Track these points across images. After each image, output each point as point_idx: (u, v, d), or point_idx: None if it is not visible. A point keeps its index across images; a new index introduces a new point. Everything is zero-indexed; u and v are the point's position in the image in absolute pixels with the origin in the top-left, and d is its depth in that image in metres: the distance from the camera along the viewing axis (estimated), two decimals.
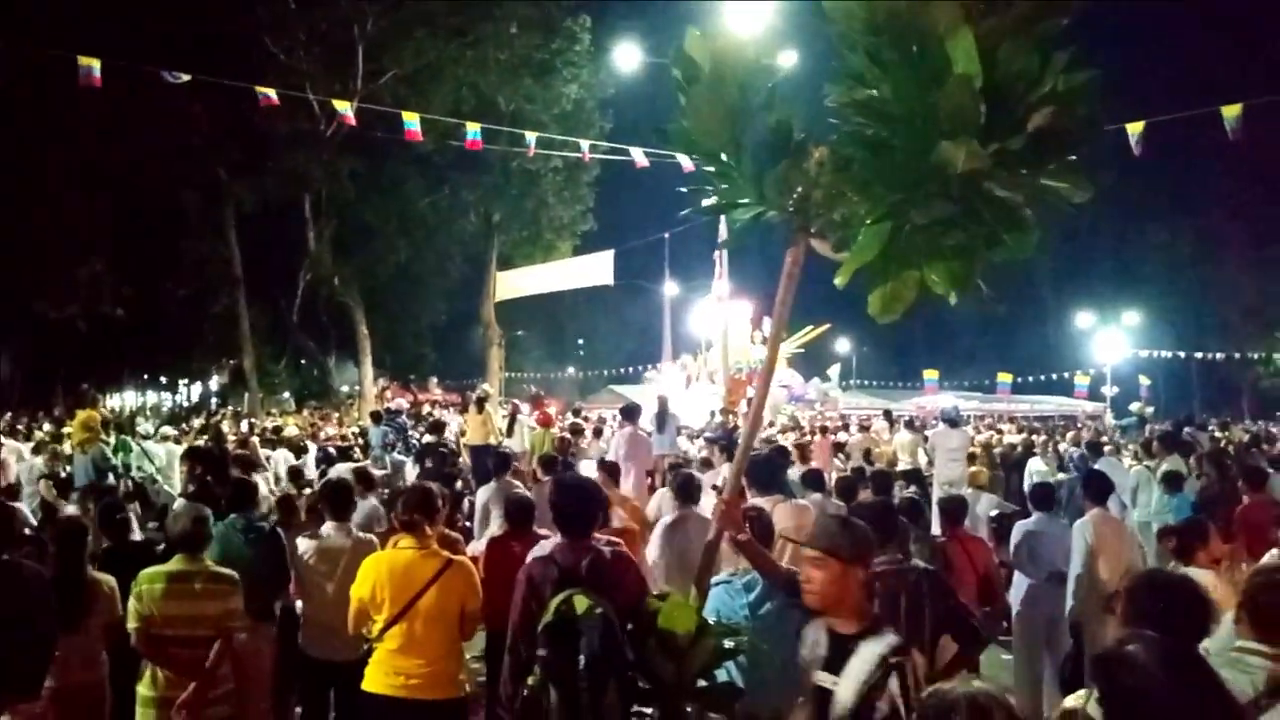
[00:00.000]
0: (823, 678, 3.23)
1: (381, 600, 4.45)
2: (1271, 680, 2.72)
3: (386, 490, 9.94)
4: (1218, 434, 17.39)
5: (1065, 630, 6.89)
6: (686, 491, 6.60)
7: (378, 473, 10.74)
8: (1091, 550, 6.59)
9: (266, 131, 25.07)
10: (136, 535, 6.61)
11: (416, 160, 27.74)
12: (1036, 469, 13.37)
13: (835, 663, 3.21)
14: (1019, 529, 7.19)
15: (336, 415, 26.39)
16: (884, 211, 3.22)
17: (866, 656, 3.10)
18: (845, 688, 3.10)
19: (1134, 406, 22.25)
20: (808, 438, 16.66)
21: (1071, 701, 3.26)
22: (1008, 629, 7.43)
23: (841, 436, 18.90)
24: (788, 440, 14.35)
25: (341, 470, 9.46)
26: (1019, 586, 7.08)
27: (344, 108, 18.90)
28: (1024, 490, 11.17)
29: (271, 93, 15.82)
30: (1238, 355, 45.10)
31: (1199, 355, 43.79)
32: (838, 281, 3.44)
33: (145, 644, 4.67)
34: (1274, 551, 5.53)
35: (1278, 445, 19.64)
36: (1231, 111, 13.00)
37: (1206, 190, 51.28)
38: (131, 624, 4.64)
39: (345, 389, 35.08)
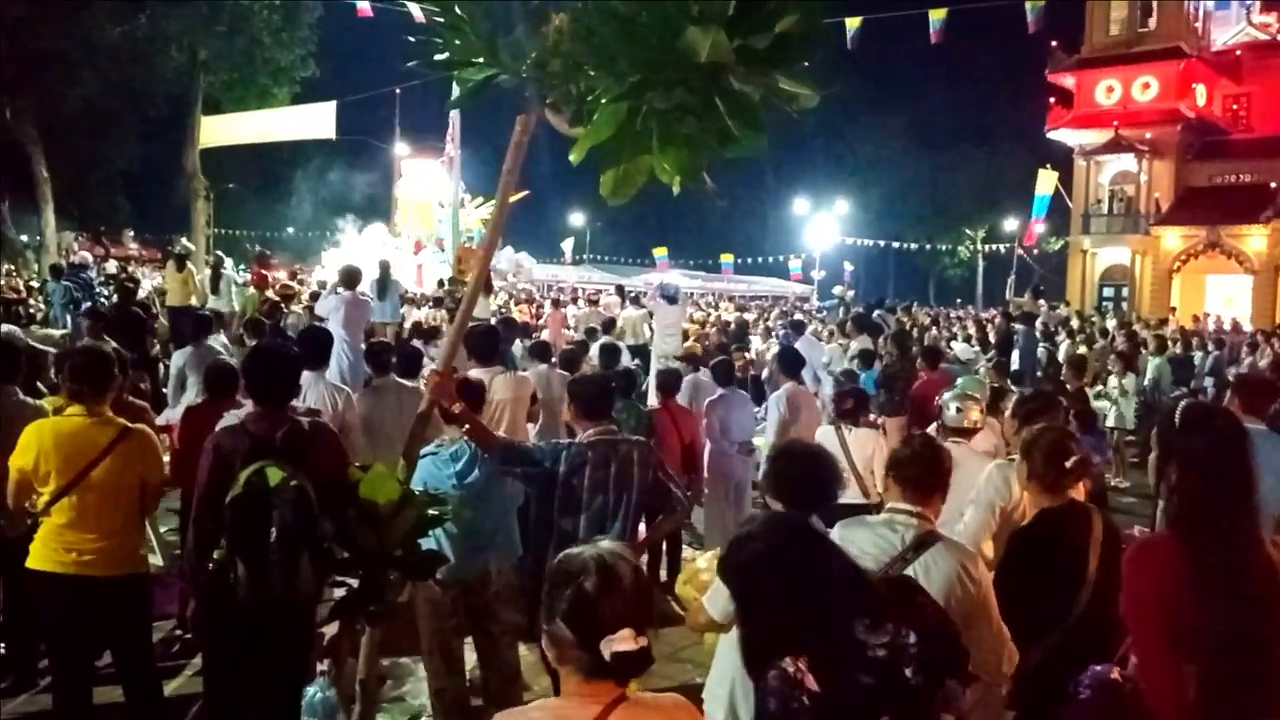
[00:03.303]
0: None
1: (47, 472, 4.01)
2: (916, 537, 3.06)
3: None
4: (903, 317, 19.21)
5: (749, 492, 7.46)
6: (381, 361, 6.45)
7: (56, 333, 9.66)
8: (784, 419, 7.14)
9: None
10: None
11: None
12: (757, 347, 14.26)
13: None
14: (707, 402, 7.62)
15: (9, 268, 23.42)
16: (623, 91, 3.16)
17: None
18: None
19: (836, 290, 24.14)
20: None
21: (703, 562, 3.53)
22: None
23: (570, 310, 19.17)
24: (520, 313, 14.37)
25: (8, 330, 8.42)
26: (709, 454, 7.52)
27: None
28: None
29: None
30: (928, 246, 49.93)
31: (896, 244, 47.99)
32: (572, 158, 3.37)
33: None
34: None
35: (954, 328, 22.14)
36: (937, 15, 13.94)
37: (912, 91, 55.42)
38: None
39: (25, 239, 31.10)
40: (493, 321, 9.18)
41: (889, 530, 3.07)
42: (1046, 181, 29.52)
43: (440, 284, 19.57)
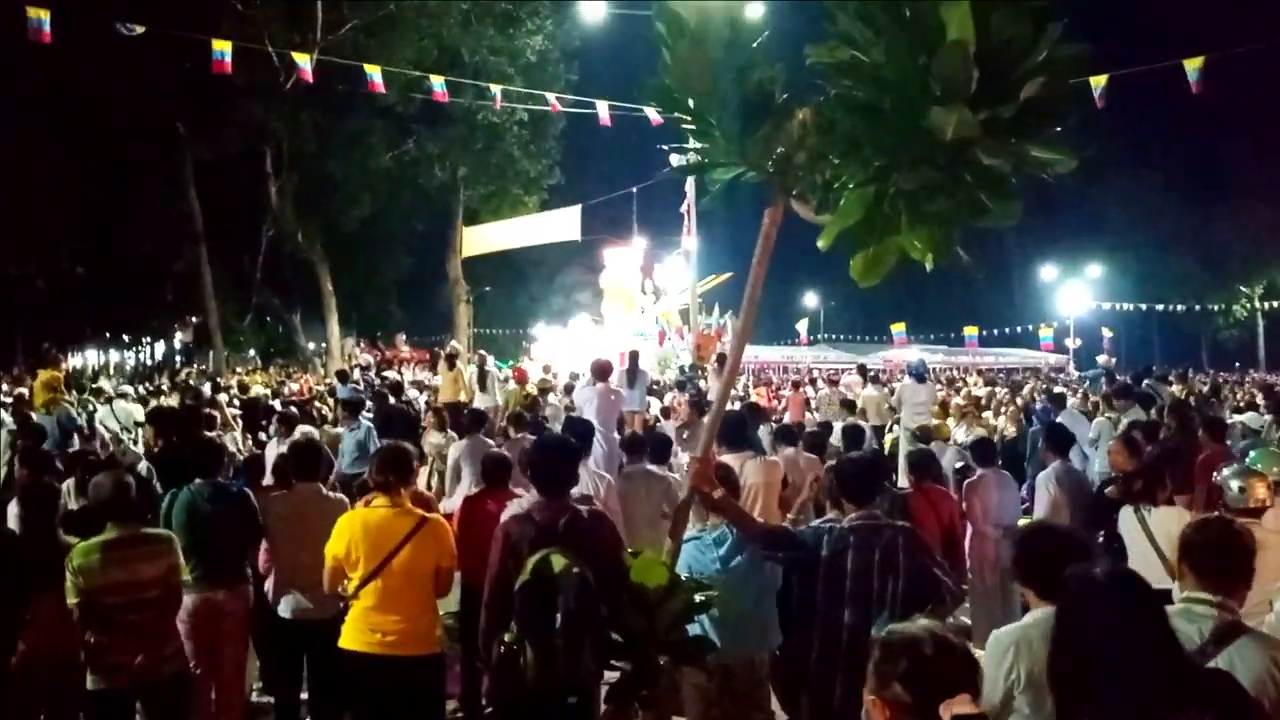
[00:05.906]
0: None
1: (357, 558, 4.46)
2: (1217, 629, 2.81)
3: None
4: (1175, 386, 17.70)
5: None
6: (636, 448, 6.69)
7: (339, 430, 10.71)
8: (1054, 500, 6.74)
9: (224, 83, 24.44)
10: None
11: (379, 113, 27.29)
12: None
13: None
14: (966, 485, 7.30)
15: (300, 374, 26.24)
16: (869, 175, 3.20)
17: None
18: None
19: (1100, 359, 22.59)
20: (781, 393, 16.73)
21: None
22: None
23: (810, 391, 19.05)
24: (758, 395, 14.43)
25: (305, 431, 9.44)
26: (969, 539, 7.18)
27: (303, 61, 18.40)
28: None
29: (227, 50, 15.39)
30: (1197, 307, 45.81)
31: (1160, 307, 44.41)
32: (820, 244, 3.44)
33: (90, 617, 4.46)
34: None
35: (1237, 395, 20.12)
36: (1194, 64, 13.11)
37: (1169, 142, 51.63)
38: (71, 599, 4.43)
39: (312, 346, 34.77)
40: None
41: (1184, 622, 2.80)
42: None
43: (681, 370, 20.06)
